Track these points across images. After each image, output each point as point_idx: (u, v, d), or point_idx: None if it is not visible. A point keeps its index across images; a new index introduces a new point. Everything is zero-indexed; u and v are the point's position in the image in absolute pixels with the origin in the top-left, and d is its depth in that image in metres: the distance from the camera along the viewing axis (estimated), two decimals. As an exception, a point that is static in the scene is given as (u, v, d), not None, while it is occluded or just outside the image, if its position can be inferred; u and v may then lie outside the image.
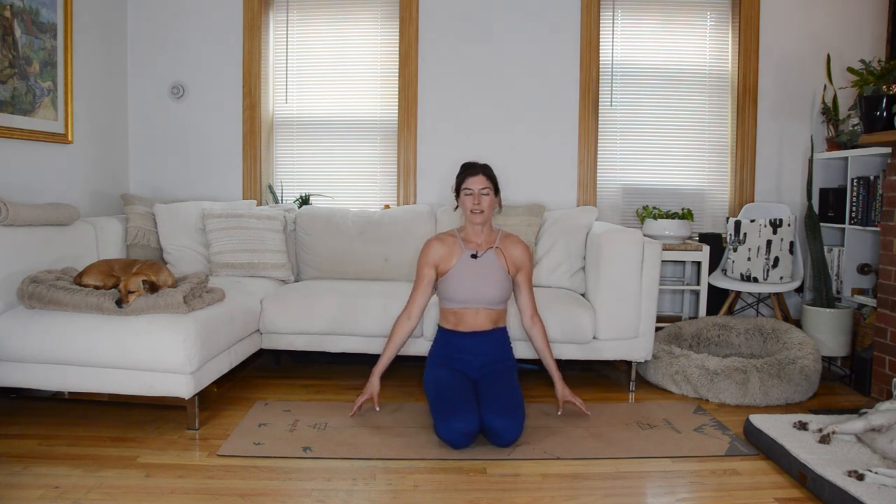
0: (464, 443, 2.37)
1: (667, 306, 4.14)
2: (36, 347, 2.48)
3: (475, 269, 2.61)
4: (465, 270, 2.61)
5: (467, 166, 2.67)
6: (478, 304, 2.60)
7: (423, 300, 2.68)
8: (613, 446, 2.45)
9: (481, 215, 2.60)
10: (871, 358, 3.12)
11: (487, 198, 2.61)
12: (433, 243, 2.67)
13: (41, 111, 3.23)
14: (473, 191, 2.60)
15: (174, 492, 2.07)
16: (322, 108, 4.16)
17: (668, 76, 4.08)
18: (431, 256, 2.65)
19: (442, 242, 2.67)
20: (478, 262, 2.62)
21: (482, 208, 2.59)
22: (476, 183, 2.60)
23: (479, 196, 2.59)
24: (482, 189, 2.60)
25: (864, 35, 3.97)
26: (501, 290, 2.62)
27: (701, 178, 4.13)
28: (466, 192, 2.61)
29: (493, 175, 2.66)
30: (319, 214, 3.70)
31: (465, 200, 2.62)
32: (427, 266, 2.66)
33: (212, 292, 2.75)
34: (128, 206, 3.50)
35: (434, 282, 2.67)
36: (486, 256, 2.63)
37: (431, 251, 2.65)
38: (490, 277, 2.60)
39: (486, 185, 2.61)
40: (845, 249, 3.60)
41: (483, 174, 2.62)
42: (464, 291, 2.59)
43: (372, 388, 2.68)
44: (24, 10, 3.08)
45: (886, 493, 1.89)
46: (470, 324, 2.63)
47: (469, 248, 2.64)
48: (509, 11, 4.01)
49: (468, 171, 2.64)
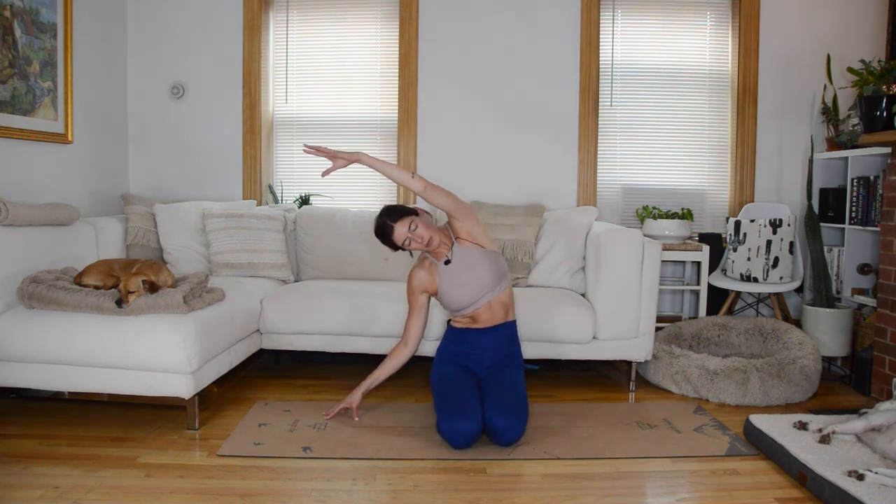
0: (465, 443, 2.37)
1: (667, 306, 4.14)
2: (36, 347, 2.48)
3: (458, 270, 2.59)
4: (451, 278, 2.59)
5: (379, 229, 2.53)
6: (483, 297, 2.57)
7: (419, 327, 2.69)
8: (613, 446, 2.45)
9: (430, 245, 2.54)
10: (871, 358, 3.12)
11: (419, 228, 2.49)
12: (416, 272, 2.66)
13: (41, 111, 3.23)
14: (408, 237, 2.49)
15: (174, 492, 2.07)
16: (322, 108, 4.16)
17: (668, 76, 4.08)
18: (417, 285, 2.66)
19: (421, 267, 2.66)
20: (454, 264, 2.60)
21: (426, 240, 2.51)
22: (401, 232, 2.49)
23: (414, 235, 2.50)
24: (409, 233, 2.49)
25: (864, 35, 3.97)
26: (492, 268, 2.58)
27: (701, 178, 4.13)
28: (405, 243, 2.50)
29: (401, 209, 2.54)
30: (319, 214, 3.70)
31: (413, 248, 2.54)
32: (416, 294, 2.67)
33: (212, 292, 2.75)
34: (128, 206, 3.51)
35: (427, 306, 2.69)
36: (456, 253, 2.61)
37: (415, 280, 2.66)
38: (474, 266, 2.58)
39: (408, 222, 2.49)
40: (845, 249, 3.60)
41: (399, 216, 2.49)
42: (464, 296, 2.57)
43: (352, 399, 2.71)
44: (24, 10, 3.08)
45: (886, 493, 1.89)
46: (486, 320, 2.61)
47: (439, 258, 2.62)
48: (509, 11, 4.01)
49: (386, 232, 2.50)
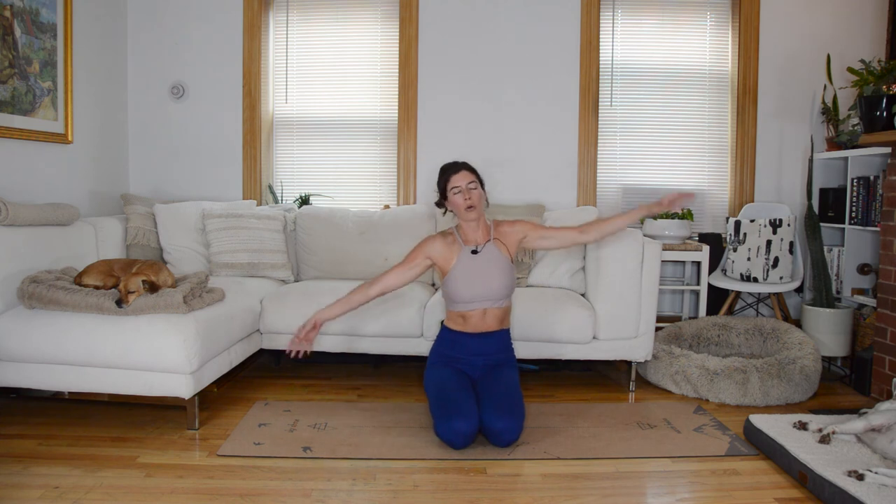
0: (463, 443, 2.37)
1: (667, 306, 4.14)
2: (36, 347, 2.48)
3: (478, 264, 2.58)
4: (468, 267, 2.57)
5: (448, 166, 2.63)
6: (484, 301, 2.56)
7: (398, 281, 2.60)
8: (613, 446, 2.45)
9: (474, 210, 2.57)
10: (871, 358, 3.12)
11: (476, 191, 2.58)
12: (436, 238, 2.64)
13: (41, 111, 3.23)
14: (461, 187, 2.56)
15: (174, 492, 2.07)
16: (322, 108, 4.16)
17: (668, 76, 4.08)
18: (427, 248, 2.61)
19: (444, 239, 2.63)
20: (479, 257, 2.58)
21: (473, 202, 2.56)
22: (462, 179, 2.57)
23: (468, 191, 2.56)
24: (469, 183, 2.57)
25: (864, 35, 3.97)
26: (506, 282, 2.57)
27: (701, 178, 4.13)
28: (455, 190, 2.57)
29: (475, 169, 2.64)
30: (319, 214, 3.70)
31: (456, 199, 2.58)
32: (420, 254, 2.61)
33: (212, 292, 2.76)
34: (128, 206, 3.51)
35: (418, 272, 2.62)
36: (487, 249, 2.60)
37: (429, 244, 2.62)
38: (494, 270, 2.57)
39: (472, 178, 2.59)
40: (845, 249, 3.60)
41: (466, 169, 2.61)
42: (469, 289, 2.55)
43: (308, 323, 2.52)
44: (24, 10, 3.08)
45: (886, 493, 1.89)
46: (476, 325, 2.59)
47: (468, 243, 2.62)
48: (509, 11, 4.01)
49: (451, 170, 2.61)
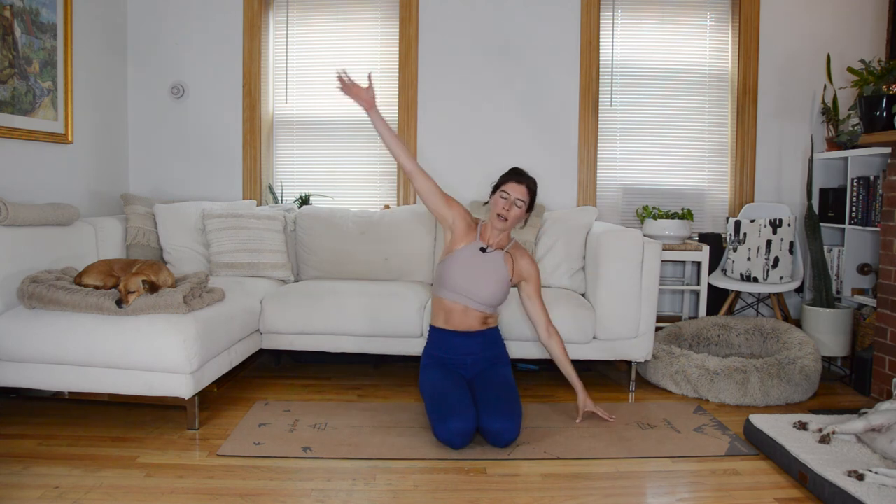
0: (462, 443, 2.37)
1: (667, 306, 4.14)
2: (36, 347, 2.48)
3: (479, 262, 2.59)
4: (469, 259, 2.59)
5: (516, 172, 2.63)
6: (469, 300, 2.57)
7: (426, 181, 2.61)
8: (613, 446, 2.45)
9: (504, 223, 2.57)
10: (871, 358, 3.12)
11: (518, 210, 2.58)
12: (468, 216, 2.66)
13: (41, 111, 3.23)
14: (509, 197, 2.56)
15: (174, 492, 2.07)
16: (322, 108, 4.16)
17: (668, 76, 4.08)
18: (460, 213, 2.63)
19: (471, 221, 2.65)
20: (484, 257, 2.60)
21: (508, 216, 2.56)
22: (515, 191, 2.57)
23: (511, 204, 2.56)
24: (518, 199, 2.57)
25: (864, 35, 3.97)
26: (497, 292, 2.59)
27: (701, 178, 4.13)
28: (503, 194, 2.58)
29: (535, 191, 2.63)
30: (319, 214, 3.70)
31: (498, 201, 2.58)
32: (455, 207, 2.63)
33: (212, 292, 2.76)
34: (128, 206, 3.51)
35: (437, 203, 2.61)
36: (494, 255, 2.61)
37: (464, 214, 2.64)
38: (491, 275, 2.58)
39: (524, 197, 2.58)
40: (845, 249, 3.60)
41: (527, 187, 2.59)
42: (461, 280, 2.56)
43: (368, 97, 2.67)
44: (24, 10, 3.08)
45: (886, 493, 1.89)
46: (458, 323, 2.60)
47: (484, 240, 2.63)
48: (509, 11, 4.01)
49: (513, 177, 2.60)
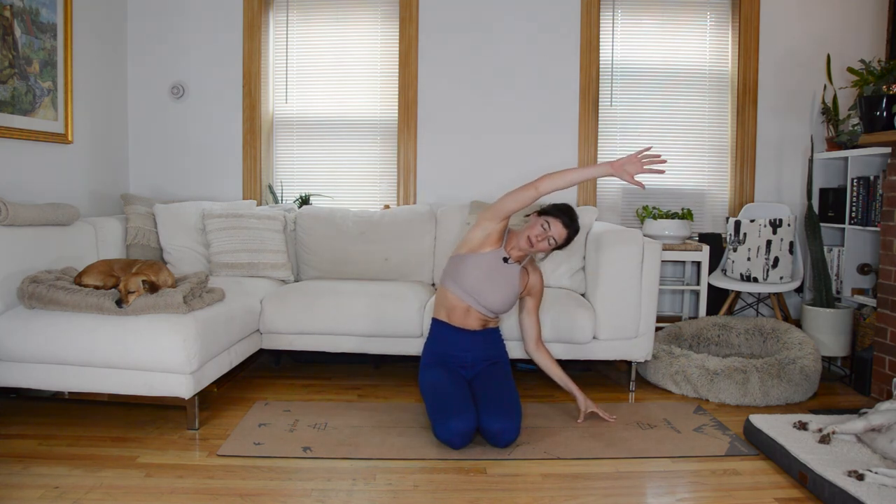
0: (462, 442, 2.37)
1: (667, 306, 4.14)
2: (36, 347, 2.48)
3: (498, 270, 2.59)
4: (490, 264, 2.59)
5: (568, 214, 2.55)
6: (476, 302, 2.58)
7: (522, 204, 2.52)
8: (613, 446, 2.45)
9: (529, 249, 2.55)
10: (871, 358, 3.12)
11: (548, 246, 2.54)
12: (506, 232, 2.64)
13: (41, 111, 3.23)
14: (548, 231, 2.52)
15: (174, 492, 2.07)
16: (322, 108, 4.16)
17: (668, 76, 4.08)
18: (507, 226, 2.61)
19: (503, 230, 2.61)
20: (503, 267, 2.60)
21: (535, 246, 2.53)
22: (557, 230, 2.52)
23: (546, 238, 2.52)
24: (554, 237, 2.52)
25: (864, 35, 3.97)
26: (505, 302, 2.60)
27: (701, 178, 4.13)
28: (543, 226, 2.52)
29: (571, 239, 2.58)
30: (319, 214, 3.70)
31: (536, 228, 2.53)
32: (507, 222, 2.59)
33: (212, 292, 2.75)
34: (128, 206, 3.51)
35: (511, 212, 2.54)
36: (512, 267, 2.61)
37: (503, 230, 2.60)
38: (504, 286, 2.58)
39: (561, 241, 2.54)
40: (845, 249, 3.60)
41: (569, 233, 2.54)
42: (476, 281, 2.56)
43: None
44: (24, 10, 3.08)
45: (886, 493, 1.89)
46: (459, 320, 2.61)
47: (508, 250, 2.61)
48: (509, 11, 4.01)
49: (563, 217, 2.53)
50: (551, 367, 2.73)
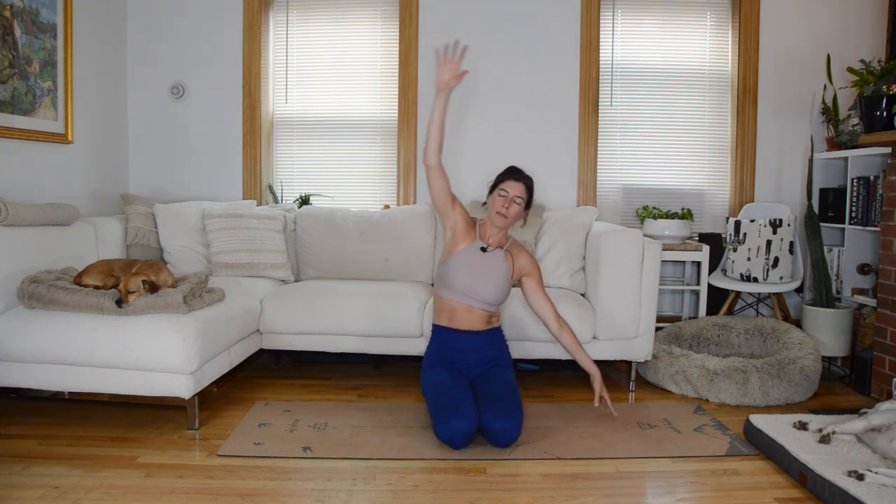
0: (463, 443, 2.37)
1: (667, 306, 4.14)
2: (36, 347, 2.48)
3: (480, 261, 2.60)
4: (470, 259, 2.60)
5: (513, 170, 2.65)
6: (472, 299, 2.58)
7: (441, 176, 2.60)
8: (613, 446, 2.45)
9: (504, 220, 2.59)
10: (871, 358, 3.12)
11: (517, 207, 2.60)
12: (466, 214, 2.67)
13: (41, 111, 3.23)
14: (508, 194, 2.58)
15: (174, 492, 2.07)
16: (322, 108, 4.16)
17: (668, 76, 4.08)
18: (462, 213, 2.64)
19: (469, 221, 2.67)
20: (485, 256, 2.61)
21: (508, 214, 2.58)
22: (514, 189, 2.59)
23: (510, 201, 2.58)
24: (516, 196, 2.59)
25: (864, 35, 3.97)
26: (499, 291, 2.60)
27: (701, 178, 4.13)
28: (501, 192, 2.60)
29: (532, 189, 2.65)
30: (319, 214, 3.70)
31: (496, 200, 2.60)
32: (459, 207, 2.64)
33: (212, 292, 2.75)
34: (128, 206, 3.51)
35: (444, 201, 2.61)
36: (494, 254, 2.62)
37: (464, 213, 2.65)
38: (492, 274, 2.59)
39: (523, 194, 2.60)
40: (845, 249, 3.60)
41: (524, 184, 2.61)
42: (464, 280, 2.57)
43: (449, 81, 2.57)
44: (24, 10, 3.08)
45: (886, 493, 1.89)
46: (463, 322, 2.61)
47: (484, 239, 2.64)
48: (509, 11, 4.00)
49: (511, 175, 2.62)
50: (575, 347, 2.69)
